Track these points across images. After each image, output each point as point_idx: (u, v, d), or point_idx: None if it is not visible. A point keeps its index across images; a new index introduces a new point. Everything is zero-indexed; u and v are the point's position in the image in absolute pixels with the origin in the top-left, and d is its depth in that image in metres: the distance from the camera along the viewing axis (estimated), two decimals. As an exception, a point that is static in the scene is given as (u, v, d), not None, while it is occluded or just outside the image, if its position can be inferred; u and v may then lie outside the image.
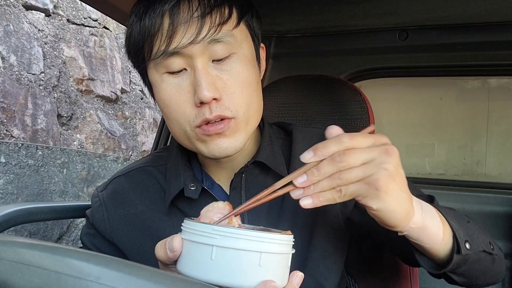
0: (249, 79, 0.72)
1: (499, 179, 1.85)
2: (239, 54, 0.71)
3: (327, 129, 0.59)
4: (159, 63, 0.69)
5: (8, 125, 1.66)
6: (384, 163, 0.54)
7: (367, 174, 0.54)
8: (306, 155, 0.56)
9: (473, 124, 1.88)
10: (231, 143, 0.71)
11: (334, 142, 0.55)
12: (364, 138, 0.56)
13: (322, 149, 0.55)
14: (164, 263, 0.55)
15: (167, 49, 0.67)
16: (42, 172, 1.75)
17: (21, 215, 0.91)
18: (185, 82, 0.69)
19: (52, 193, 1.81)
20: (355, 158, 0.54)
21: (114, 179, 0.83)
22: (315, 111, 1.10)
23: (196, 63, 0.67)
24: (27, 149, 1.67)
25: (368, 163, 0.54)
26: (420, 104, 1.95)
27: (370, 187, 0.54)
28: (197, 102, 0.67)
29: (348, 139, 0.55)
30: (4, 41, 1.66)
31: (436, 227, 0.62)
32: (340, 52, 1.55)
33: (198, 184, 0.74)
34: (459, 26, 1.34)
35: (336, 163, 0.54)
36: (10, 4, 1.72)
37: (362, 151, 0.55)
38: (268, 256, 0.49)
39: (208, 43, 0.67)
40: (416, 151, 1.98)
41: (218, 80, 0.68)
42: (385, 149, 0.55)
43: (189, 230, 0.51)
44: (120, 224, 0.78)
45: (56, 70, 1.95)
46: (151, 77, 0.73)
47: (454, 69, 1.59)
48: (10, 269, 0.37)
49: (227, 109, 0.69)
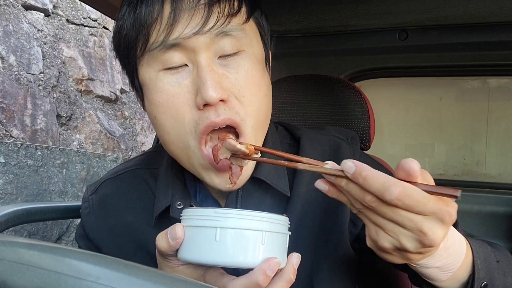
0: (259, 81, 0.63)
1: (499, 179, 1.85)
2: (248, 52, 0.62)
3: (402, 162, 0.47)
4: (155, 57, 0.59)
5: (8, 125, 1.66)
6: (403, 242, 0.47)
7: (383, 228, 0.48)
8: (347, 166, 0.48)
9: (473, 124, 1.88)
10: (243, 174, 0.62)
11: (379, 187, 0.46)
12: (421, 204, 0.45)
13: (363, 180, 0.46)
14: (164, 255, 0.54)
15: (166, 39, 0.58)
16: (42, 172, 1.75)
17: (20, 215, 0.91)
18: (186, 81, 0.60)
19: (52, 193, 1.81)
20: (385, 214, 0.47)
21: (104, 182, 0.78)
22: (315, 111, 1.10)
23: (200, 58, 0.58)
24: (27, 149, 1.67)
25: (392, 225, 0.47)
26: (420, 104, 1.95)
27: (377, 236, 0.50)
28: (201, 103, 0.58)
29: (396, 196, 0.45)
30: (4, 41, 1.66)
31: (449, 269, 0.55)
32: (340, 52, 1.55)
33: (186, 201, 0.68)
34: (459, 26, 1.34)
35: (363, 200, 0.47)
36: (10, 4, 1.72)
37: (401, 213, 0.46)
38: (270, 235, 0.50)
39: (215, 35, 0.58)
40: (416, 151, 1.98)
41: (225, 79, 0.60)
42: (422, 232, 0.46)
43: (191, 217, 0.52)
44: (109, 236, 0.74)
45: (56, 70, 1.95)
46: (143, 76, 0.63)
47: (454, 69, 1.59)
48: (9, 269, 0.37)
49: (237, 114, 0.60)
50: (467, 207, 1.53)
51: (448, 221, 0.46)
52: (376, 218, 0.49)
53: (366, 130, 1.06)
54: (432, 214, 0.46)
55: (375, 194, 0.46)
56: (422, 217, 0.46)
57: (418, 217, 0.46)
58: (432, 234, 0.46)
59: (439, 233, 0.46)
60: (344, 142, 0.76)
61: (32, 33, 1.82)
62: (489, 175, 1.87)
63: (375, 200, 0.47)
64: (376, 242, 0.50)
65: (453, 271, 0.56)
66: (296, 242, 0.64)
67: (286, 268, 0.52)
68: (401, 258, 0.51)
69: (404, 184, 0.46)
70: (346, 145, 0.75)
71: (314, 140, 0.76)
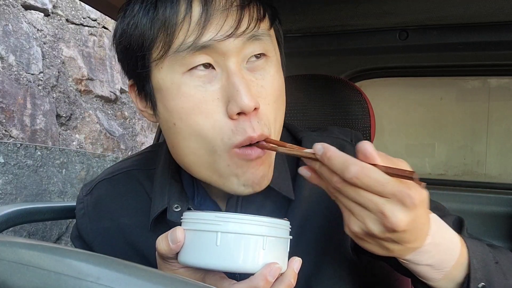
0: (281, 88, 0.62)
1: (499, 179, 1.85)
2: (273, 58, 0.61)
3: (359, 144, 0.49)
4: (180, 60, 0.56)
5: (7, 125, 1.65)
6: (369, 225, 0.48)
7: (352, 211, 0.50)
8: (317, 148, 0.50)
9: (473, 124, 1.88)
10: (268, 169, 0.60)
11: (339, 166, 0.47)
12: (380, 184, 0.46)
13: (328, 160, 0.48)
14: (164, 258, 0.54)
15: (197, 41, 0.54)
16: (41, 172, 1.74)
17: (20, 216, 0.91)
18: (214, 87, 0.56)
19: (51, 193, 1.81)
20: (349, 195, 0.48)
21: (99, 183, 0.77)
22: (315, 111, 1.09)
23: (230, 63, 0.56)
24: (26, 149, 1.66)
25: (359, 208, 0.49)
26: (420, 104, 1.95)
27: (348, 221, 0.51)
28: (235, 111, 0.54)
29: (354, 175, 0.46)
30: (3, 41, 1.66)
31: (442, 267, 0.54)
32: (340, 52, 1.55)
33: (184, 204, 0.66)
34: (459, 26, 1.34)
35: (331, 182, 0.49)
36: (9, 4, 1.71)
37: (362, 194, 0.47)
38: (271, 240, 0.50)
39: (247, 39, 0.56)
40: (416, 151, 1.98)
41: (253, 85, 0.57)
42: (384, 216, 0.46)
43: (191, 220, 0.52)
44: (103, 238, 0.73)
45: (55, 70, 1.95)
46: (161, 80, 0.58)
47: (454, 69, 1.59)
48: (9, 270, 0.37)
49: (265, 126, 0.58)
50: (467, 207, 1.53)
51: (409, 204, 0.46)
52: (346, 202, 0.50)
53: (367, 130, 1.06)
54: (392, 195, 0.46)
55: (338, 173, 0.48)
56: (383, 199, 0.47)
57: (379, 198, 0.47)
58: (393, 216, 0.46)
59: (401, 216, 0.46)
60: (348, 144, 0.75)
61: (32, 33, 1.82)
62: (490, 175, 1.87)
63: (340, 181, 0.48)
64: (348, 227, 0.51)
65: (446, 270, 0.55)
66: (297, 245, 0.62)
67: (286, 273, 0.52)
68: (379, 248, 0.51)
69: (362, 164, 0.47)
70: (350, 147, 0.74)
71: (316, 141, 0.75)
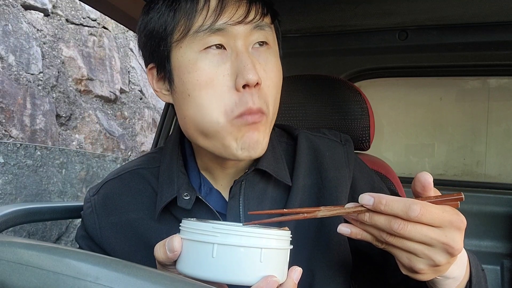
0: (279, 77, 0.71)
1: (498, 179, 1.85)
2: (274, 48, 0.71)
3: (418, 175, 0.54)
4: (198, 39, 0.66)
5: (7, 125, 1.65)
6: (436, 258, 0.52)
7: (414, 253, 0.52)
8: (365, 199, 0.53)
9: (473, 125, 1.88)
10: (261, 140, 0.67)
11: (401, 208, 0.51)
12: (439, 216, 0.50)
13: (385, 206, 0.51)
14: (163, 264, 0.55)
15: (213, 24, 0.65)
16: (41, 173, 1.74)
17: (19, 216, 0.91)
18: (225, 64, 0.66)
19: (51, 194, 1.81)
20: (413, 236, 0.51)
21: (106, 183, 0.80)
22: (315, 111, 1.09)
23: (239, 44, 0.66)
24: (26, 149, 1.66)
25: (422, 246, 0.52)
26: (420, 104, 1.95)
27: (410, 263, 0.53)
28: (240, 85, 0.64)
29: (418, 214, 0.50)
30: (3, 41, 1.66)
31: (459, 278, 0.60)
32: (340, 52, 1.55)
33: (192, 193, 0.71)
34: (459, 26, 1.34)
35: (391, 228, 0.51)
36: (9, 4, 1.71)
37: (426, 233, 0.51)
38: (268, 252, 0.50)
39: (253, 27, 0.67)
40: (416, 151, 1.98)
41: (258, 65, 0.67)
42: (448, 245, 0.51)
43: (189, 230, 0.51)
44: (112, 233, 0.75)
45: (55, 70, 1.95)
46: (181, 58, 0.68)
47: (454, 69, 1.59)
48: (8, 270, 0.37)
49: (264, 104, 0.67)
50: (467, 207, 1.53)
51: (463, 227, 0.51)
52: (405, 244, 0.52)
53: (366, 130, 1.06)
54: (449, 223, 0.51)
55: (400, 216, 0.51)
56: (443, 230, 0.51)
57: (440, 231, 0.51)
58: (455, 243, 0.51)
59: (459, 240, 0.51)
60: (338, 143, 0.81)
61: (32, 33, 1.82)
62: (489, 175, 1.87)
63: (403, 223, 0.51)
64: (412, 268, 0.54)
65: (460, 279, 0.60)
66: (296, 230, 0.68)
67: (286, 283, 0.52)
68: (433, 273, 0.55)
69: (420, 202, 0.51)
70: (340, 147, 0.80)
71: (310, 140, 0.80)
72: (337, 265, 0.73)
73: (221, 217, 0.71)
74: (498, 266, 1.59)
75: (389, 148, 2.02)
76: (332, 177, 0.75)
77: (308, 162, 0.77)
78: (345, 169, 0.77)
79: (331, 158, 0.77)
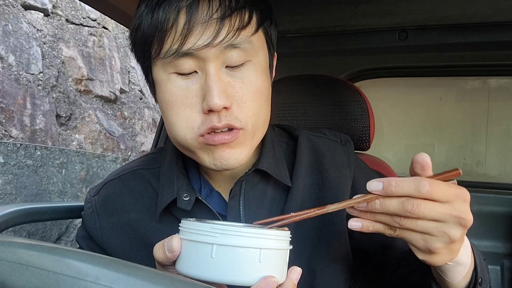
0: (261, 89, 0.68)
1: (499, 179, 1.85)
2: (254, 62, 0.67)
3: (415, 157, 0.54)
4: (168, 63, 0.65)
5: (7, 125, 1.65)
6: (451, 233, 0.52)
7: (429, 233, 0.53)
8: (373, 186, 0.53)
9: (473, 124, 1.88)
10: (235, 155, 0.66)
11: (412, 186, 0.51)
12: (447, 190, 0.52)
13: (396, 187, 0.52)
14: (162, 265, 0.55)
15: (180, 49, 0.63)
16: (41, 173, 1.74)
17: (19, 216, 0.91)
18: (194, 86, 0.65)
19: (51, 194, 1.81)
20: (427, 214, 0.51)
21: (107, 183, 0.80)
22: (315, 111, 1.09)
23: (209, 67, 0.63)
24: (26, 149, 1.67)
25: (436, 223, 0.52)
26: (420, 104, 1.95)
27: (426, 244, 0.54)
28: (206, 109, 0.63)
29: (428, 188, 0.51)
30: (3, 41, 1.66)
31: (467, 264, 0.60)
32: (340, 52, 1.55)
33: (192, 194, 0.71)
34: (459, 26, 1.34)
35: (405, 209, 0.51)
36: (9, 4, 1.71)
37: (438, 209, 0.51)
38: (267, 252, 0.49)
39: (224, 48, 0.63)
40: (416, 151, 1.98)
41: (230, 87, 0.64)
42: (460, 217, 0.52)
43: (188, 230, 0.51)
44: (113, 233, 0.75)
45: (55, 70, 1.95)
46: (156, 76, 0.68)
47: (454, 69, 1.59)
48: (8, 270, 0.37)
49: (237, 119, 0.65)
50: (467, 207, 1.53)
51: (468, 199, 0.53)
52: (419, 224, 0.52)
53: (366, 130, 1.06)
54: (456, 196, 0.52)
55: (411, 194, 0.51)
56: (452, 204, 0.52)
57: (449, 205, 0.52)
58: (466, 214, 0.52)
59: (468, 211, 0.53)
60: (338, 144, 0.81)
61: (32, 33, 1.82)
62: (489, 175, 1.87)
63: (416, 202, 0.51)
64: (428, 249, 0.54)
65: (468, 267, 0.61)
66: (296, 230, 0.67)
67: (285, 283, 0.52)
68: (449, 253, 0.55)
69: (426, 178, 0.52)
70: (341, 147, 0.80)
71: (311, 140, 0.80)
72: (338, 264, 0.73)
73: (222, 219, 0.71)
74: (498, 266, 1.59)
75: (389, 148, 2.02)
76: (333, 177, 0.75)
77: (308, 163, 0.77)
78: (346, 169, 0.77)
79: (331, 159, 0.77)
